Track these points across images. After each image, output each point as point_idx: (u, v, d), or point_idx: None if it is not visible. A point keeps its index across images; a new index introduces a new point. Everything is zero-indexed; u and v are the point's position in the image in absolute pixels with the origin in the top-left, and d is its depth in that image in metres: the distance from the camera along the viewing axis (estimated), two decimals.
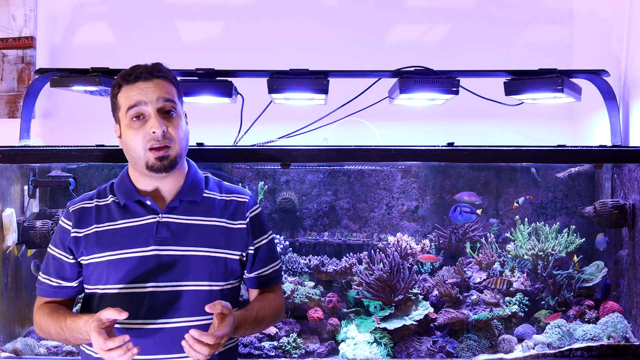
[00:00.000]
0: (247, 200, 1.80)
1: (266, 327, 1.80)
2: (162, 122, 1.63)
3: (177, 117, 1.68)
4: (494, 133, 2.99)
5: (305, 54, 3.01)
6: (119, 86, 1.67)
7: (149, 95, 1.63)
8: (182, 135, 1.69)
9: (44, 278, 1.74)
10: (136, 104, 1.63)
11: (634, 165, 2.42)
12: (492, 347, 2.44)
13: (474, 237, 2.82)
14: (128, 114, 1.65)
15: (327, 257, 2.76)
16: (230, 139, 2.56)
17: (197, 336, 1.47)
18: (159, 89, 1.65)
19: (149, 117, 1.64)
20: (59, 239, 1.73)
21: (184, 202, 1.72)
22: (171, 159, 1.65)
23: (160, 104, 1.64)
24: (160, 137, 1.63)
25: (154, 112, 1.63)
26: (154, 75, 1.66)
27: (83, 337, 1.59)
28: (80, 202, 1.76)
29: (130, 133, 1.65)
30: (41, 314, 1.70)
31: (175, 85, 1.71)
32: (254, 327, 1.70)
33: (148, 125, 1.63)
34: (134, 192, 1.71)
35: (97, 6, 3.08)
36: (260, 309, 1.73)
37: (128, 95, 1.65)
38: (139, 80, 1.64)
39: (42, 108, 3.00)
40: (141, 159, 1.65)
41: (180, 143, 1.68)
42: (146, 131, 1.63)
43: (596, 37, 2.89)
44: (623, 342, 2.35)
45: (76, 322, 1.59)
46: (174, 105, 1.67)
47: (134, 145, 1.65)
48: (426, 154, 2.34)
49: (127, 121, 1.65)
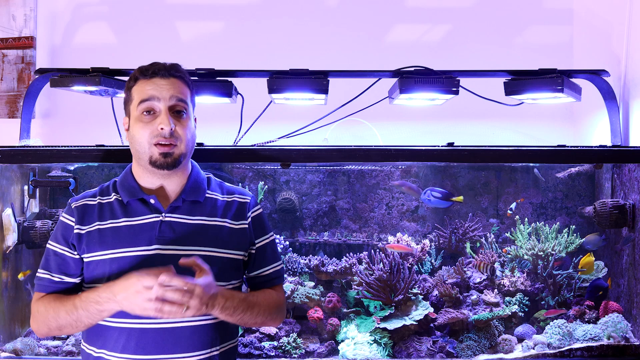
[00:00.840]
0: (248, 201, 1.81)
1: (262, 317, 1.74)
2: (172, 120, 1.65)
3: (187, 118, 1.70)
4: (494, 133, 2.99)
5: (305, 54, 3.02)
6: (135, 79, 1.69)
7: (163, 92, 1.65)
8: (190, 136, 1.70)
9: (44, 273, 1.72)
10: (149, 99, 1.65)
11: (634, 165, 2.42)
12: (492, 347, 2.44)
13: (474, 237, 2.82)
14: (139, 107, 1.66)
15: (327, 257, 2.76)
16: (230, 139, 2.57)
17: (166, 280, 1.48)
18: (174, 88, 1.67)
19: (159, 113, 1.65)
20: (60, 234, 1.72)
21: (187, 201, 1.73)
22: (175, 157, 1.66)
23: (173, 102, 1.66)
24: (167, 135, 1.64)
25: (165, 109, 1.65)
26: (171, 74, 1.68)
27: (100, 306, 1.57)
28: (83, 198, 1.75)
29: (139, 126, 1.66)
30: (47, 301, 1.67)
31: (190, 88, 1.73)
32: (244, 308, 1.66)
33: (157, 121, 1.65)
34: (138, 190, 1.71)
35: (97, 6, 3.08)
36: (252, 294, 1.74)
37: (142, 89, 1.66)
38: (156, 76, 1.67)
39: (42, 108, 3.00)
40: (145, 153, 1.66)
41: (187, 144, 1.69)
42: (154, 126, 1.64)
43: (596, 37, 2.89)
44: (623, 342, 2.35)
45: (94, 291, 1.58)
46: (185, 106, 1.69)
47: (139, 138, 1.66)
48: (426, 154, 2.34)
49: (137, 114, 1.67)
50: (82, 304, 1.60)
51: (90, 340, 1.68)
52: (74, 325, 1.64)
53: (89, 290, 1.61)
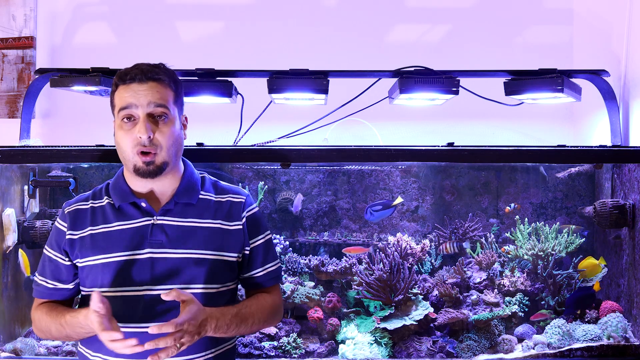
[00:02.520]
0: (242, 201, 1.77)
1: (257, 326, 1.72)
2: (150, 128, 1.61)
3: (169, 122, 1.65)
4: (494, 133, 2.99)
5: (305, 54, 3.01)
6: (116, 84, 1.67)
7: (140, 99, 1.62)
8: (172, 141, 1.65)
9: (40, 280, 1.73)
10: (127, 106, 1.63)
11: (634, 165, 2.42)
12: (492, 347, 2.44)
13: (474, 237, 2.82)
14: (119, 114, 1.64)
15: (327, 257, 2.76)
16: (230, 139, 2.56)
17: (156, 331, 1.45)
18: (152, 93, 1.63)
19: (138, 120, 1.63)
20: (54, 240, 1.72)
21: (179, 204, 1.71)
22: (157, 165, 1.64)
23: (151, 109, 1.63)
24: (146, 142, 1.61)
25: (143, 116, 1.62)
26: (149, 78, 1.63)
27: (85, 330, 1.58)
28: (76, 203, 1.75)
29: (121, 134, 1.65)
30: (39, 313, 1.70)
31: (173, 89, 1.68)
32: (237, 323, 1.65)
33: (136, 128, 1.62)
34: (129, 194, 1.70)
35: (97, 6, 3.08)
36: (244, 305, 1.69)
37: (121, 95, 1.64)
38: (134, 81, 1.63)
39: (42, 108, 3.00)
40: (130, 161, 1.65)
41: (168, 150, 1.65)
42: (134, 134, 1.62)
43: (596, 37, 2.89)
44: (623, 342, 2.35)
45: (75, 317, 1.59)
46: (165, 110, 1.64)
47: (123, 146, 1.65)
48: (426, 154, 2.34)
49: (118, 121, 1.65)
50: (67, 325, 1.62)
51: (85, 342, 1.68)
52: (65, 339, 1.69)
53: (72, 314, 1.61)
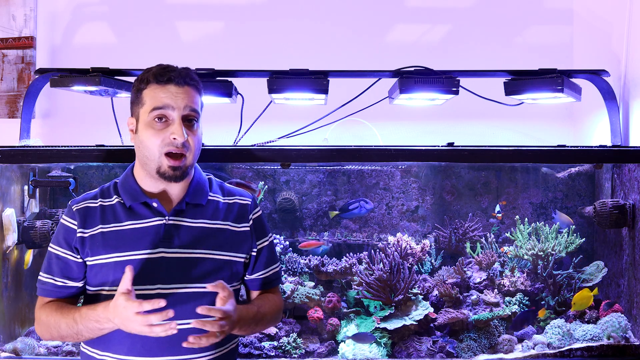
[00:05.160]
0: (249, 203, 1.80)
1: (264, 326, 1.80)
2: (185, 131, 1.63)
3: (198, 127, 1.70)
4: (494, 133, 2.99)
5: (305, 54, 3.02)
6: (147, 82, 1.65)
7: (178, 102, 1.63)
8: (199, 146, 1.70)
9: (47, 278, 1.70)
10: (163, 107, 1.63)
11: (634, 165, 2.42)
12: (492, 347, 2.44)
13: (474, 237, 2.82)
14: (152, 113, 1.63)
15: (327, 257, 2.76)
16: (230, 139, 2.57)
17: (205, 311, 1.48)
18: (188, 97, 1.65)
19: (172, 122, 1.63)
20: (62, 238, 1.70)
21: (190, 205, 1.72)
22: (184, 170, 1.66)
23: (187, 112, 1.65)
24: (180, 145, 1.63)
25: (179, 118, 1.63)
26: (187, 83, 1.66)
27: (100, 325, 1.57)
28: (84, 201, 1.73)
29: (149, 133, 1.64)
30: (48, 310, 1.67)
31: (201, 95, 1.72)
32: (253, 325, 1.70)
33: (170, 129, 1.63)
34: (140, 194, 1.70)
35: (97, 6, 3.08)
36: (260, 306, 1.74)
37: (156, 95, 1.64)
38: (171, 83, 1.64)
39: (42, 108, 3.00)
40: (154, 162, 1.65)
41: (195, 153, 1.69)
42: (166, 135, 1.62)
43: (596, 37, 2.89)
44: (623, 342, 2.35)
45: (94, 309, 1.58)
46: (197, 115, 1.68)
47: (150, 145, 1.64)
48: (426, 154, 2.34)
49: (148, 119, 1.64)
50: (82, 320, 1.60)
51: (92, 342, 1.67)
52: (75, 337, 1.64)
53: (89, 307, 1.60)
